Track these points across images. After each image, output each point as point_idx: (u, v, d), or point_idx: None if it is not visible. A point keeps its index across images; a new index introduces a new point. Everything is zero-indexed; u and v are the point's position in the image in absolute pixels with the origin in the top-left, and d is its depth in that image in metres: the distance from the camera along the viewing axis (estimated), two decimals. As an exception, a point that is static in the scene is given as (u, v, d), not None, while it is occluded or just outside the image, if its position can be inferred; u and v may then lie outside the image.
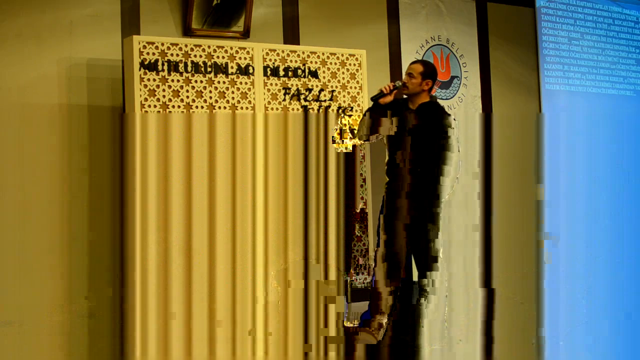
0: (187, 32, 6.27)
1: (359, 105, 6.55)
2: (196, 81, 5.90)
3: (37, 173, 5.75)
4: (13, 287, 5.61)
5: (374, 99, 5.25)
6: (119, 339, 5.44)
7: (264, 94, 6.15)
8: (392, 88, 5.15)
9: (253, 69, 6.12)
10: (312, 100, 6.35)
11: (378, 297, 5.25)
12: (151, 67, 5.74)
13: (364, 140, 5.34)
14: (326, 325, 5.32)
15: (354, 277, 6.44)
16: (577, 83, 8.53)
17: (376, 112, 5.20)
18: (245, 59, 6.10)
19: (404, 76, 5.44)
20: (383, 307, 5.21)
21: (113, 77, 5.97)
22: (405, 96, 5.26)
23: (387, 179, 5.19)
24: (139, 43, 5.72)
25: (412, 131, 5.05)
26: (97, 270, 5.88)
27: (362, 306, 5.94)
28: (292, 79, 6.27)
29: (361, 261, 6.48)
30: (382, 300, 5.22)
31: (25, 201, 5.70)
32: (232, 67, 6.03)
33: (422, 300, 5.01)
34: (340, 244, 6.39)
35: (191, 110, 5.87)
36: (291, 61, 6.29)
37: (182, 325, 5.49)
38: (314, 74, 6.38)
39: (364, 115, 5.38)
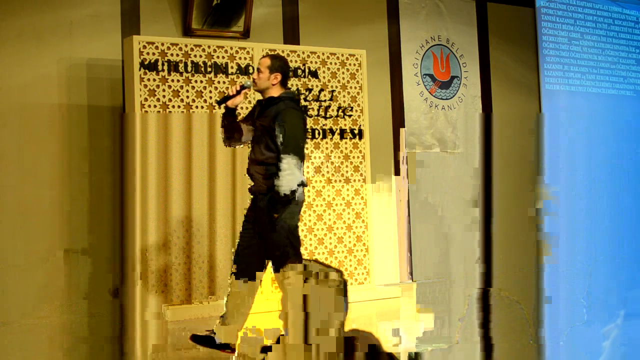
0: (187, 32, 6.27)
1: (359, 105, 6.55)
2: (196, 81, 5.90)
3: (37, 173, 5.75)
4: (13, 287, 5.61)
5: (220, 102, 4.87)
6: (118, 339, 5.44)
7: (264, 94, 6.15)
8: (239, 88, 4.76)
9: (253, 69, 6.11)
10: (312, 100, 6.35)
11: None
12: (151, 67, 5.74)
13: (228, 146, 4.90)
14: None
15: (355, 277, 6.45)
16: (577, 83, 8.53)
17: (229, 116, 4.80)
18: (245, 59, 6.09)
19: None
20: None
21: (113, 77, 5.97)
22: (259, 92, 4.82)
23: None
24: (139, 43, 5.72)
25: (256, 129, 4.66)
26: (97, 270, 5.88)
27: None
28: (292, 79, 6.27)
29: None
30: None
31: (25, 201, 5.70)
32: (232, 67, 6.03)
33: None
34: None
35: (191, 110, 5.87)
36: (291, 61, 6.28)
37: (182, 326, 5.49)
38: (314, 74, 6.38)
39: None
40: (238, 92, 4.72)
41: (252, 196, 4.68)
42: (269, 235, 4.50)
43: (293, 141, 4.50)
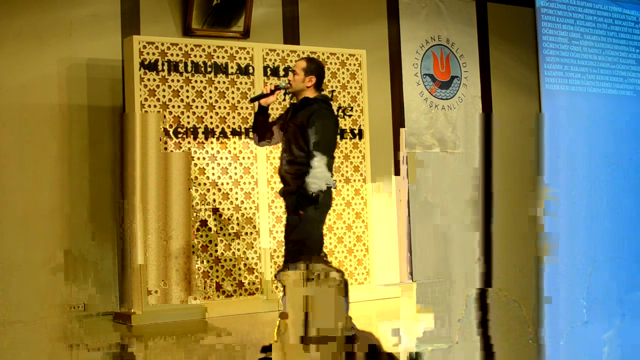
0: (187, 32, 6.27)
1: (359, 105, 6.55)
2: (196, 81, 5.90)
3: (37, 173, 5.75)
4: (14, 287, 5.61)
5: (254, 100, 4.95)
6: (118, 338, 5.44)
7: (264, 94, 6.15)
8: (273, 88, 4.80)
9: (253, 69, 6.12)
10: (312, 100, 6.35)
11: None
12: (151, 67, 5.74)
13: (258, 144, 4.98)
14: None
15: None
16: (577, 83, 8.53)
17: (261, 114, 4.83)
18: (245, 59, 6.09)
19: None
20: None
21: (113, 77, 5.97)
22: (292, 94, 4.92)
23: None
24: (139, 43, 5.72)
25: (289, 129, 4.68)
26: (98, 270, 5.87)
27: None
28: (292, 79, 6.26)
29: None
30: None
31: (25, 201, 5.70)
32: (232, 67, 6.03)
33: None
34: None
35: (191, 110, 5.87)
36: (291, 61, 6.28)
37: (183, 328, 5.50)
38: (314, 74, 6.37)
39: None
40: (272, 92, 4.78)
41: (281, 198, 4.77)
42: (294, 230, 4.57)
43: (325, 141, 4.57)
